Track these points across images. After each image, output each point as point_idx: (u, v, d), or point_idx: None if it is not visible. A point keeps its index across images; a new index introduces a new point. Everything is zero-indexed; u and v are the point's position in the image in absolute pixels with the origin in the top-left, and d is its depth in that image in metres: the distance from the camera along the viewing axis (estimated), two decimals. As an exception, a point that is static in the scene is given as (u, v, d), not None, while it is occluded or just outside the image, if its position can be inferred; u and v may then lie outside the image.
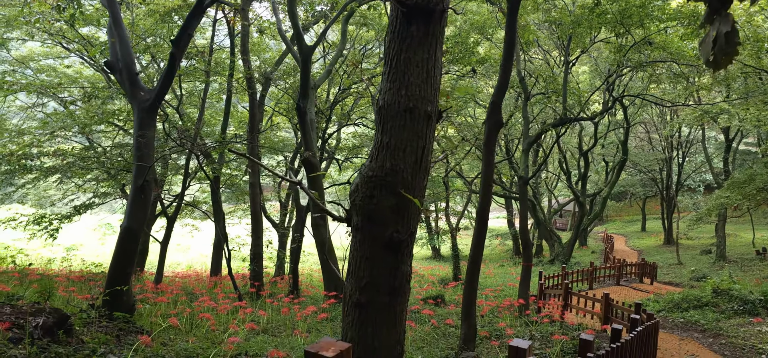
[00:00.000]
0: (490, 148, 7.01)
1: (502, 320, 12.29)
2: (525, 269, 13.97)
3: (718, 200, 19.69)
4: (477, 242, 7.18)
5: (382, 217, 2.29)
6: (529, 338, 9.47)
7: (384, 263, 2.31)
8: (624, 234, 51.35)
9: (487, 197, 7.03)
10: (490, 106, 6.99)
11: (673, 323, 13.31)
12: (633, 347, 6.96)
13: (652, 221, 53.41)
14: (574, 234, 29.78)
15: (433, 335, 9.98)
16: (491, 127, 6.94)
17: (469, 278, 7.24)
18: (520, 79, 14.64)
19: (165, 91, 7.95)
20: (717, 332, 12.06)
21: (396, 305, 2.33)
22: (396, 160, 2.30)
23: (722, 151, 34.41)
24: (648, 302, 15.87)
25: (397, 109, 2.34)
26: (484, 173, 7.01)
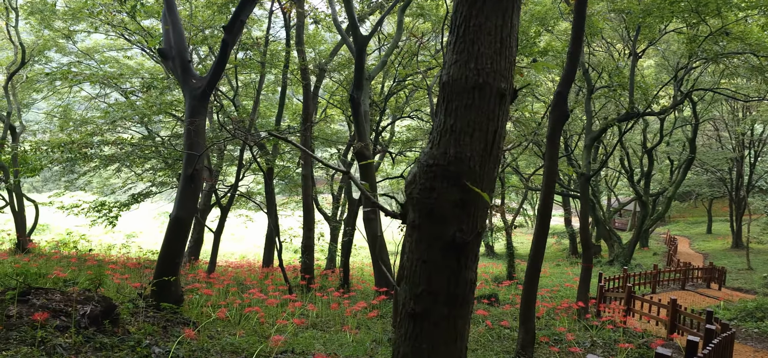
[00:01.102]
0: (555, 142, 6.53)
1: (559, 322, 11.74)
2: (584, 271, 13.30)
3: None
4: (538, 242, 6.72)
5: (443, 213, 1.94)
6: (591, 344, 8.93)
7: (444, 268, 1.95)
8: (688, 236, 49.21)
9: (549, 194, 6.55)
10: (555, 97, 6.51)
11: (747, 333, 12.44)
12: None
13: (719, 223, 50.94)
14: (636, 234, 28.57)
15: (487, 337, 9.55)
16: (556, 119, 6.46)
17: (528, 279, 6.79)
18: (584, 71, 13.92)
19: (217, 78, 7.81)
20: (797, 345, 11.19)
21: (457, 317, 1.97)
22: (461, 147, 1.93)
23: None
24: (717, 310, 14.95)
25: (465, 85, 1.97)
26: (547, 169, 6.53)
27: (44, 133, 27.32)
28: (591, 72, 16.80)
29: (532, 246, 6.85)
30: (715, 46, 15.33)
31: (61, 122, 23.50)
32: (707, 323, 9.67)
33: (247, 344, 6.66)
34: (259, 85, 18.45)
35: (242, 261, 27.94)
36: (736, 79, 25.49)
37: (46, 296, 6.55)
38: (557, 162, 6.64)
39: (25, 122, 27.09)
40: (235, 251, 37.17)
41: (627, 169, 30.81)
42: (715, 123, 40.38)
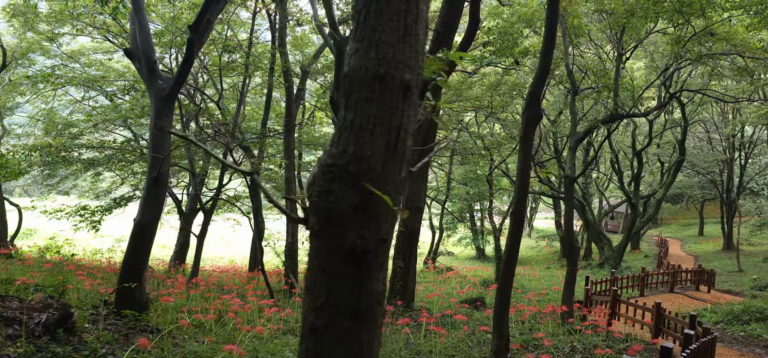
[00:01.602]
0: (528, 142, 6.36)
1: (543, 327, 11.58)
2: (569, 274, 13.15)
3: (785, 205, 18.26)
4: (511, 245, 6.54)
5: (342, 218, 1.75)
6: (570, 349, 8.75)
7: (345, 278, 1.76)
8: (680, 238, 49.19)
9: (523, 194, 6.38)
10: (528, 97, 6.35)
11: (733, 336, 12.32)
12: (686, 368, 6.20)
13: (711, 226, 50.94)
14: (626, 237, 28.47)
15: (467, 343, 9.37)
16: (529, 119, 6.30)
17: (501, 284, 6.61)
18: (569, 72, 13.78)
19: (183, 79, 7.62)
20: (782, 348, 11.06)
21: (363, 332, 1.78)
22: (361, 145, 1.75)
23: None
24: (705, 313, 14.81)
25: (365, 76, 1.79)
26: (520, 169, 6.37)
27: (28, 137, 27.04)
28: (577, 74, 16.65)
29: (506, 250, 6.68)
30: (701, 47, 15.23)
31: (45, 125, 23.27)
32: (691, 327, 9.52)
33: (210, 352, 6.45)
34: (243, 88, 18.25)
35: (229, 265, 27.72)
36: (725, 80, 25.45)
37: (2, 304, 6.34)
38: (530, 163, 6.48)
39: (8, 126, 26.83)
40: (225, 255, 36.93)
41: (617, 172, 30.73)
42: (706, 125, 40.41)
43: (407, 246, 11.66)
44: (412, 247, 11.84)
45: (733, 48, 15.14)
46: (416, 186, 11.59)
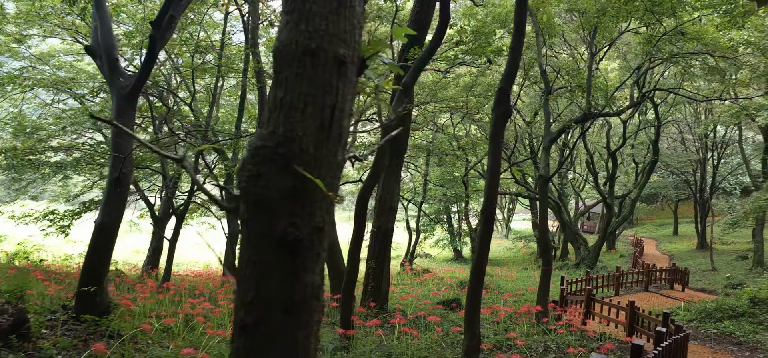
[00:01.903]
0: (498, 140, 6.28)
1: (519, 327, 11.54)
2: (544, 274, 13.16)
3: (757, 203, 18.53)
4: (482, 244, 6.46)
5: (272, 204, 1.62)
6: (544, 349, 8.69)
7: (276, 270, 1.63)
8: (655, 238, 49.79)
9: (493, 194, 6.30)
10: (497, 95, 6.28)
11: (706, 334, 12.39)
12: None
13: (685, 225, 51.64)
14: (601, 237, 28.68)
15: (440, 344, 9.26)
16: (498, 117, 6.22)
17: (472, 284, 6.52)
18: (542, 72, 13.79)
19: (145, 77, 7.40)
20: (754, 345, 11.13)
21: (297, 328, 1.65)
22: (292, 124, 1.62)
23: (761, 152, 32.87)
24: (678, 311, 14.91)
25: (295, 50, 1.65)
26: (490, 168, 6.28)
27: (-5, 140, 26.34)
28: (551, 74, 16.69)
29: (477, 248, 6.59)
30: (672, 47, 15.37)
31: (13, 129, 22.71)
32: (663, 325, 9.54)
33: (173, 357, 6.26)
34: (215, 90, 17.99)
35: (204, 270, 27.33)
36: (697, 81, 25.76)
37: (-46, 310, 6.08)
38: (500, 161, 6.40)
39: (-25, 129, 26.13)
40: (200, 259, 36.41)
41: (592, 172, 30.96)
42: (679, 125, 40.95)
43: (380, 247, 11.53)
44: (386, 247, 11.72)
45: (703, 48, 15.31)
46: (389, 186, 11.48)
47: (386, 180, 11.50)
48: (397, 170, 11.77)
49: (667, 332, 7.83)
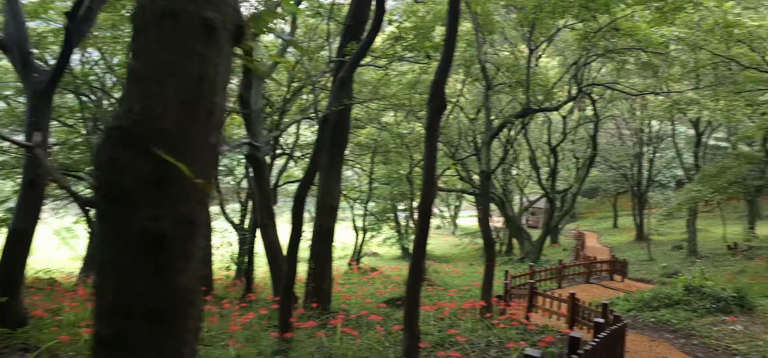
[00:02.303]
0: (433, 134, 6.15)
1: (463, 323, 11.49)
2: (487, 269, 13.17)
3: (689, 195, 19.20)
4: (419, 240, 6.31)
5: (129, 194, 1.35)
6: (486, 344, 8.64)
7: (138, 272, 1.37)
8: (596, 231, 51.21)
9: (429, 189, 6.17)
10: (432, 87, 6.15)
11: (644, 323, 12.67)
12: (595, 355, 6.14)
13: (624, 218, 53.31)
14: (544, 231, 29.24)
15: (383, 343, 9.09)
16: (433, 110, 6.09)
17: (411, 281, 6.36)
18: (482, 68, 13.86)
19: (60, 72, 6.95)
20: (689, 332, 11.43)
21: (165, 339, 1.39)
22: (150, 100, 1.36)
23: (692, 146, 34.25)
24: (617, 301, 15.23)
25: (152, 13, 1.39)
26: (426, 162, 6.15)
27: None
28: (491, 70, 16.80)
29: (414, 244, 6.43)
30: (607, 42, 15.74)
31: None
32: (602, 315, 9.64)
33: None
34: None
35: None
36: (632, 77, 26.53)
37: None
38: (436, 156, 6.26)
39: None
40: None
41: (535, 168, 31.53)
42: (616, 121, 42.26)
43: (322, 246, 11.28)
44: (328, 247, 11.48)
45: (637, 43, 15.72)
46: (330, 184, 11.25)
47: (327, 178, 11.27)
48: (338, 167, 11.55)
49: (605, 323, 7.88)
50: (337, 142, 11.34)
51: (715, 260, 28.11)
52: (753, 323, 12.01)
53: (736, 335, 10.97)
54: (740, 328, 11.47)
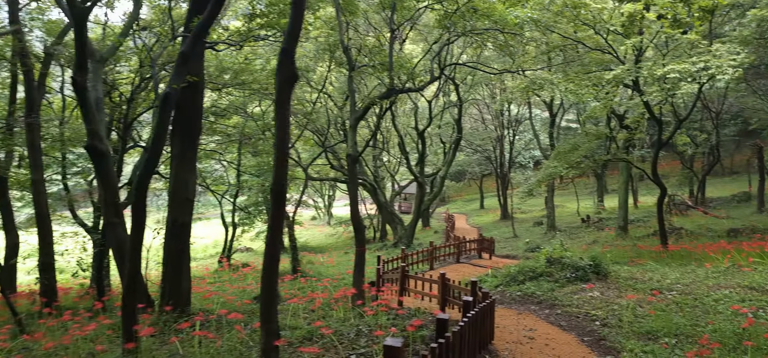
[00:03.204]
0: (284, 107, 5.56)
1: (335, 313, 11.03)
2: (358, 255, 12.86)
3: (547, 171, 20.14)
4: (273, 227, 5.70)
5: None
6: (356, 334, 8.22)
7: None
8: (465, 213, 53.18)
9: (281, 169, 5.57)
10: (280, 56, 5.55)
11: (511, 296, 12.94)
12: (464, 336, 5.90)
13: (490, 199, 55.92)
14: (415, 215, 29.64)
15: (247, 343, 8.36)
16: (283, 81, 5.50)
17: (266, 273, 5.75)
18: (344, 49, 13.42)
19: None
20: (553, 302, 11.79)
21: None
22: None
23: (548, 127, 36.41)
24: (486, 278, 15.54)
25: None
26: (277, 138, 5.54)
27: None
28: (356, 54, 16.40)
29: (268, 229, 5.83)
30: (465, 23, 15.96)
31: None
32: (472, 293, 9.58)
33: None
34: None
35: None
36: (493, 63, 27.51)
37: None
38: (288, 131, 5.69)
39: None
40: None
41: (404, 153, 31.87)
42: (479, 107, 44.02)
43: (177, 243, 10.28)
44: (184, 243, 10.49)
45: (493, 24, 16.10)
46: (183, 174, 10.26)
47: (179, 168, 10.27)
48: (191, 157, 10.57)
49: (473, 301, 7.74)
50: (188, 129, 10.37)
51: (572, 233, 30.06)
52: (608, 288, 12.64)
53: (594, 301, 11.45)
54: (597, 294, 12.02)
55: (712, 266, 14.71)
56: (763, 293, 11.09)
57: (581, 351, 8.51)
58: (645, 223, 28.69)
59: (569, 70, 19.28)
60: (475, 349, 6.81)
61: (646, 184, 48.38)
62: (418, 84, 15.02)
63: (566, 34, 18.12)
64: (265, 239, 5.98)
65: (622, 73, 15.93)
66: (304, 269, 23.13)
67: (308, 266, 25.42)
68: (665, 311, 10.04)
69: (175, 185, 10.13)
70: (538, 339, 9.23)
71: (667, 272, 14.76)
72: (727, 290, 11.48)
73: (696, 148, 34.47)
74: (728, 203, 32.14)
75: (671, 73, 14.70)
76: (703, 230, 23.34)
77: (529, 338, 9.27)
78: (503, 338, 9.30)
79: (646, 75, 15.99)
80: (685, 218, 27.96)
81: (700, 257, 16.75)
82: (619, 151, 21.67)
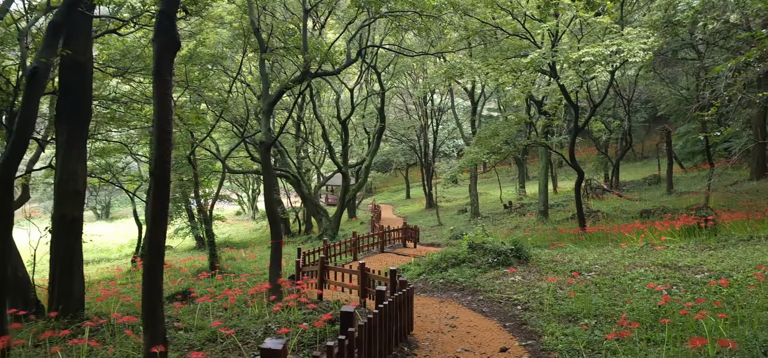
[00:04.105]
0: (164, 78, 4.84)
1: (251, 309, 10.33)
2: (274, 248, 12.17)
3: (469, 156, 20.05)
4: (155, 215, 4.99)
5: None
6: (264, 332, 7.58)
7: None
8: (391, 203, 53.09)
9: (164, 150, 4.86)
10: (157, 19, 4.83)
11: (434, 284, 12.63)
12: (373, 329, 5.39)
13: (416, 188, 56.13)
14: (340, 206, 29.04)
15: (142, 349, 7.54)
16: (161, 47, 4.79)
17: (147, 271, 5.01)
18: (255, 30, 12.62)
19: None
20: (475, 288, 11.55)
21: None
22: None
23: (469, 116, 36.70)
24: (409, 267, 15.20)
25: None
26: (158, 116, 4.82)
27: None
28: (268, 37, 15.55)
29: (150, 217, 5.10)
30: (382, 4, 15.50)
31: None
32: (391, 282, 9.14)
33: None
34: None
35: None
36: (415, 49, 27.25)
37: None
38: (171, 108, 4.97)
39: None
40: None
41: (327, 142, 31.19)
42: (403, 97, 43.91)
43: (66, 240, 9.25)
44: (75, 241, 9.45)
45: (412, 6, 15.73)
46: (71, 164, 9.22)
47: (66, 157, 9.22)
48: (80, 144, 9.53)
49: (390, 290, 7.27)
50: (75, 114, 9.34)
51: (495, 219, 30.39)
52: (529, 272, 12.56)
53: (516, 286, 11.29)
54: (519, 278, 11.88)
55: (627, 246, 15.03)
56: (675, 270, 11.30)
57: (503, 337, 8.24)
58: (564, 207, 29.39)
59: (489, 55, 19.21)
60: (390, 341, 6.33)
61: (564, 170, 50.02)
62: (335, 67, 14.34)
63: (484, 20, 18.02)
64: (146, 231, 5.25)
65: (539, 56, 15.95)
66: (224, 265, 22.11)
67: (229, 262, 24.37)
68: (585, 292, 9.98)
69: (62, 177, 9.10)
70: (459, 327, 8.92)
71: (585, 253, 14.96)
72: (643, 269, 11.64)
73: (610, 134, 35.75)
74: (640, 186, 33.48)
75: (586, 56, 14.84)
76: (618, 212, 24.05)
77: (451, 326, 8.95)
78: (424, 327, 8.93)
79: (562, 59, 16.09)
80: (601, 201, 28.83)
81: (616, 238, 17.12)
82: (538, 137, 21.91)
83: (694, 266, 11.48)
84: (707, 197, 20.86)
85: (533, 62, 16.00)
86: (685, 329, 7.28)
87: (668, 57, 25.48)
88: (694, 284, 10.05)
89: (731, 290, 9.06)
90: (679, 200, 24.36)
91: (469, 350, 7.64)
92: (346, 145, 29.41)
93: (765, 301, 8.26)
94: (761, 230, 14.69)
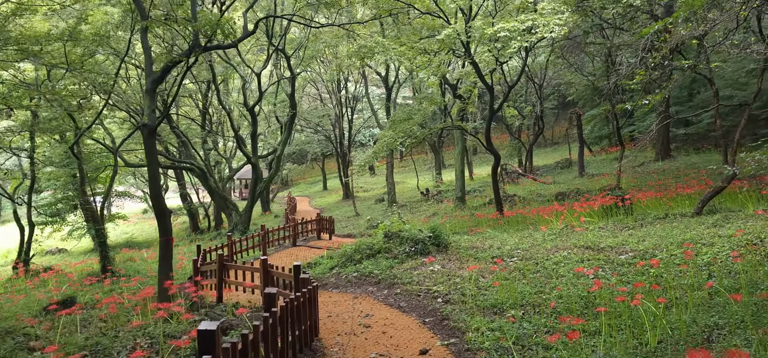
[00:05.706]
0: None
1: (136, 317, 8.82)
2: (163, 246, 10.65)
3: (384, 141, 19.09)
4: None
5: None
6: (132, 347, 6.18)
7: None
8: (308, 195, 51.58)
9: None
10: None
11: (347, 279, 11.55)
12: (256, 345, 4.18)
13: (332, 180, 54.86)
14: (251, 199, 27.38)
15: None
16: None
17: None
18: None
19: None
20: (392, 281, 10.55)
21: None
22: None
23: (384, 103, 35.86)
24: (321, 260, 14.08)
25: None
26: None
27: None
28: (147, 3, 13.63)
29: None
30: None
31: None
32: (295, 279, 7.96)
33: None
34: None
35: None
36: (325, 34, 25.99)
37: None
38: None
39: None
40: None
41: (234, 131, 29.32)
42: (317, 86, 42.51)
43: None
44: None
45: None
46: None
47: None
48: None
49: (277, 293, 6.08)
50: None
51: (413, 207, 29.76)
52: (449, 260, 11.75)
53: (435, 276, 10.40)
54: (438, 267, 11.02)
55: (547, 229, 14.58)
56: (599, 252, 10.82)
57: (423, 336, 7.27)
58: (481, 192, 29.16)
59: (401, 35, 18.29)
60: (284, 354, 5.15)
61: (479, 157, 50.32)
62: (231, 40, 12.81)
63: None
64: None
65: (452, 33, 15.16)
66: (118, 268, 20.11)
67: (126, 264, 22.30)
68: (508, 280, 9.20)
69: None
70: (374, 326, 7.88)
71: (506, 238, 14.41)
72: (566, 252, 11.10)
73: (523, 120, 35.97)
74: (553, 169, 33.91)
75: (501, 31, 14.21)
76: (534, 195, 23.96)
77: (365, 326, 7.91)
78: (334, 329, 7.83)
79: (477, 37, 15.41)
80: (517, 186, 28.82)
81: (535, 221, 16.72)
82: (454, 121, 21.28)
83: (617, 246, 11.02)
84: (619, 177, 20.97)
85: (447, 39, 15.20)
86: (622, 317, 6.55)
87: (578, 40, 25.56)
88: (619, 265, 9.52)
89: (659, 270, 8.51)
90: (592, 182, 24.57)
91: (384, 355, 6.59)
92: (254, 134, 27.71)
93: (695, 280, 7.73)
94: (675, 207, 14.63)
